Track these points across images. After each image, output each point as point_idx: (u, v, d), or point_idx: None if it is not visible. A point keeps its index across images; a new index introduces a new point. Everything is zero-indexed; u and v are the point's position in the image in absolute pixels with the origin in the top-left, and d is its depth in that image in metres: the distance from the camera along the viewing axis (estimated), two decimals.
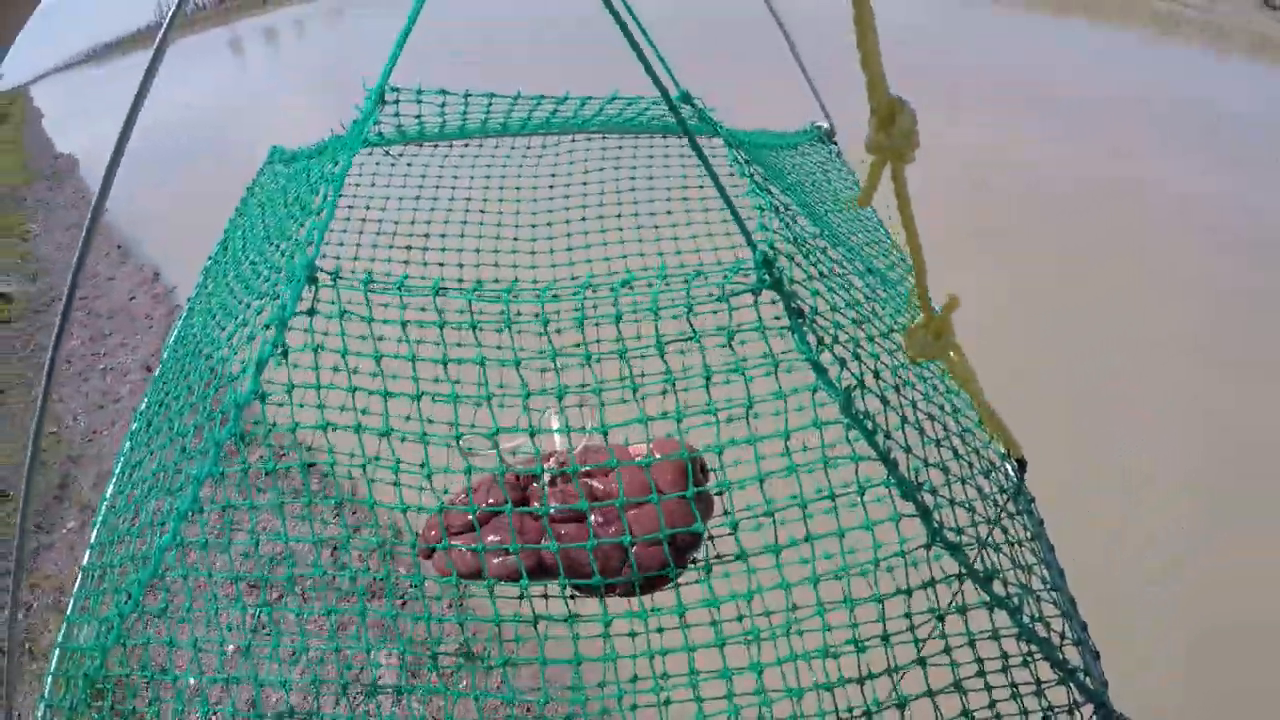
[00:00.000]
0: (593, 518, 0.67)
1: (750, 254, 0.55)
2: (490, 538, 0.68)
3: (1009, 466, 0.74)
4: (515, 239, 1.15)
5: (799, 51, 1.13)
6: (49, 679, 0.64)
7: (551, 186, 1.19)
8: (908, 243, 0.53)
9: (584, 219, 1.15)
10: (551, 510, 0.67)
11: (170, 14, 0.48)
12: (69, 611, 0.68)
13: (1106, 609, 0.67)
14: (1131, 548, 2.36)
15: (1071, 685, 0.60)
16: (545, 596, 0.69)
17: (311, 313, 0.54)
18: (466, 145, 1.14)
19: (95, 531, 0.74)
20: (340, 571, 0.70)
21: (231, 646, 0.62)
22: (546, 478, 0.70)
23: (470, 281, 1.07)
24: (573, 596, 0.67)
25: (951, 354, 0.58)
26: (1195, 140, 5.04)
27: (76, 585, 0.71)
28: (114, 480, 0.78)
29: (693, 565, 0.68)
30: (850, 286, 0.72)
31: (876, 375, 0.61)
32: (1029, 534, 0.71)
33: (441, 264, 1.09)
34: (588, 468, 0.68)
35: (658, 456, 0.67)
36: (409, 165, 1.12)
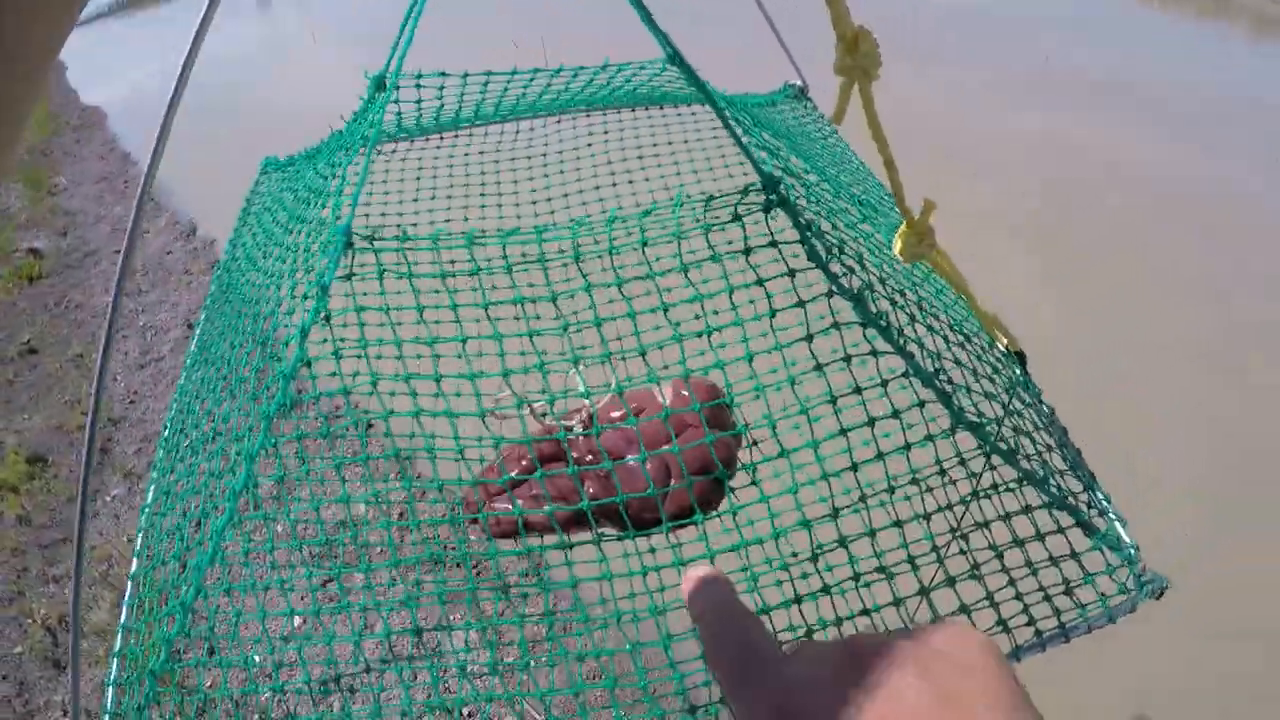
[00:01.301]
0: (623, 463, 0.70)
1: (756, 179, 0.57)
2: (529, 494, 0.71)
3: (1014, 366, 0.78)
4: (519, 217, 1.16)
5: (768, 11, 1.11)
6: (114, 660, 0.67)
7: (552, 163, 1.22)
8: (879, 151, 0.57)
9: (597, 186, 1.19)
10: (576, 468, 0.70)
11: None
12: (123, 618, 0.70)
13: None
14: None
15: (1104, 549, 0.64)
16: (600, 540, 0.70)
17: (350, 276, 0.56)
18: (470, 133, 1.16)
19: (139, 539, 0.76)
20: (401, 523, 0.72)
21: (299, 620, 0.64)
22: (575, 431, 0.73)
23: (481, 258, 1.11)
24: (608, 540, 0.69)
25: (936, 255, 0.63)
26: (1186, 127, 4.94)
27: (127, 593, 0.72)
28: (152, 487, 0.79)
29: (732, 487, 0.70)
30: (845, 211, 0.75)
31: (882, 281, 0.63)
32: (1044, 421, 0.74)
33: (465, 218, 1.11)
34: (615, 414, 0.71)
35: (674, 397, 0.70)
36: (412, 160, 1.15)
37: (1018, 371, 0.77)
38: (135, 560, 0.74)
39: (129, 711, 0.61)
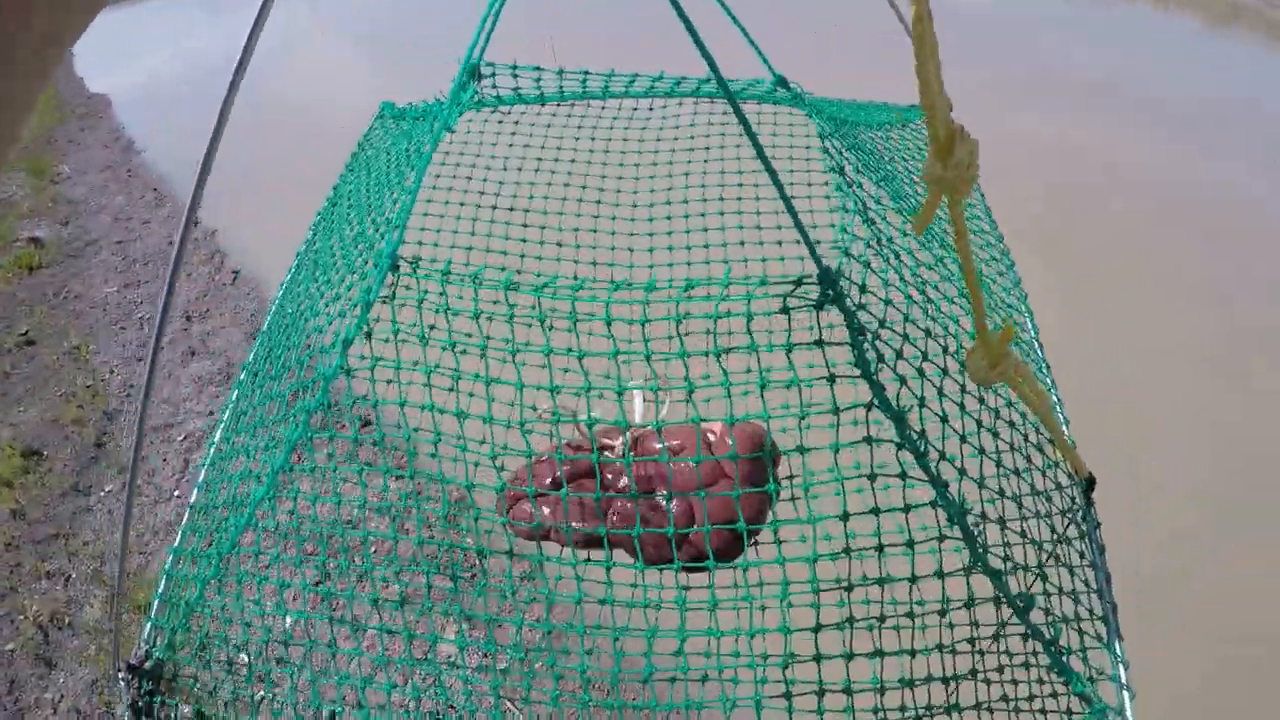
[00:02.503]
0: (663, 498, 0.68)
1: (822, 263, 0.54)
2: (572, 500, 0.70)
3: (1075, 490, 0.73)
4: (595, 211, 1.15)
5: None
6: (155, 602, 0.71)
7: (651, 138, 1.18)
8: (963, 272, 0.54)
9: (686, 186, 1.13)
10: (629, 489, 0.69)
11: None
12: (177, 544, 0.75)
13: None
14: (1142, 557, 2.38)
15: None
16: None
17: (392, 298, 0.57)
18: (558, 108, 1.13)
19: (204, 472, 0.81)
20: (405, 536, 0.74)
21: (290, 621, 0.67)
22: (619, 450, 0.72)
23: (561, 259, 1.08)
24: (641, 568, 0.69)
25: (1015, 377, 0.58)
26: (1183, 129, 4.93)
27: (185, 520, 0.77)
28: (221, 426, 0.84)
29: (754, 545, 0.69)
30: (943, 294, 0.71)
31: (941, 394, 0.60)
32: (1086, 560, 0.70)
33: (523, 240, 1.11)
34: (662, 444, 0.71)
35: (726, 439, 0.69)
36: (509, 130, 1.12)
37: (1077, 499, 0.73)
38: (195, 491, 0.79)
39: (165, 627, 0.67)
